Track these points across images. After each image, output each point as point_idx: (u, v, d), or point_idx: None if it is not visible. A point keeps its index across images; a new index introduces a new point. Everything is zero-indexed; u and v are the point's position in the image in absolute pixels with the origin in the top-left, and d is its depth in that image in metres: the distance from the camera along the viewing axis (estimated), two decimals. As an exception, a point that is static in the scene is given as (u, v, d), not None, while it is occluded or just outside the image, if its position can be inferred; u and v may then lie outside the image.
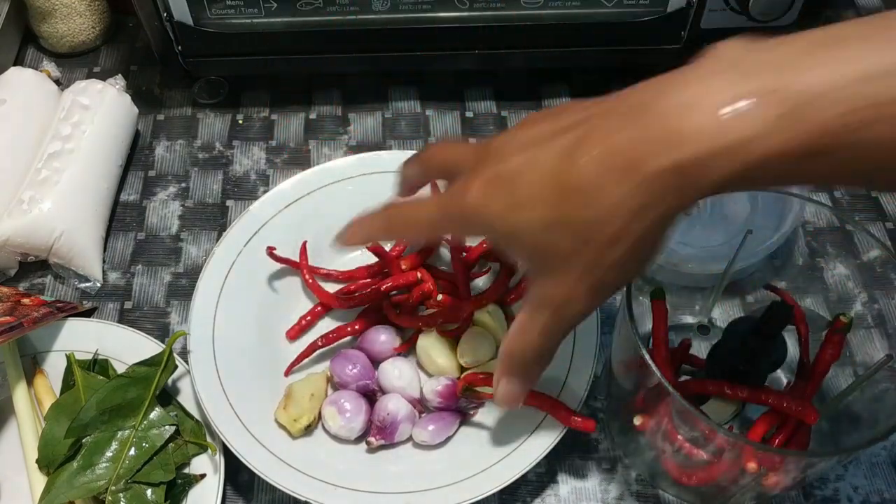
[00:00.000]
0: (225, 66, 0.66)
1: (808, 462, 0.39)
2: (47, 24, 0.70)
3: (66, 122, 0.60)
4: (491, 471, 0.46)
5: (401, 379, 0.50)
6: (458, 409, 0.49)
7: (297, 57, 0.65)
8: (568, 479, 0.50)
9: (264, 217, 0.56)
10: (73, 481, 0.46)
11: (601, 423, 0.52)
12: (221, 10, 0.61)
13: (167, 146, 0.67)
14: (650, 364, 0.38)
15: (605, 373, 0.51)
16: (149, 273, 0.60)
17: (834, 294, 0.48)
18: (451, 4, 0.61)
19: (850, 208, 0.63)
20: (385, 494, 0.46)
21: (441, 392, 0.49)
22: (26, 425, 0.49)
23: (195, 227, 0.62)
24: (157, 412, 0.48)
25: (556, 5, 0.61)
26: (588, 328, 0.51)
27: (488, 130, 0.68)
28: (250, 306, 0.54)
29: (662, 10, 0.61)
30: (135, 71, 0.72)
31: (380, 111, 0.70)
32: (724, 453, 0.41)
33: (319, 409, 0.49)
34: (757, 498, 0.45)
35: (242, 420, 0.48)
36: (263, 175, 0.65)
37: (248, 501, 0.50)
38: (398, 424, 0.48)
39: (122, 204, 0.64)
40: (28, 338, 0.53)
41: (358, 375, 0.50)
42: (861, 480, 0.50)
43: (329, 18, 0.62)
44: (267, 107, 0.70)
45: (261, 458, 0.46)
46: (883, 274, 0.44)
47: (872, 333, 0.46)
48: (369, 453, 0.49)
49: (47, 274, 0.60)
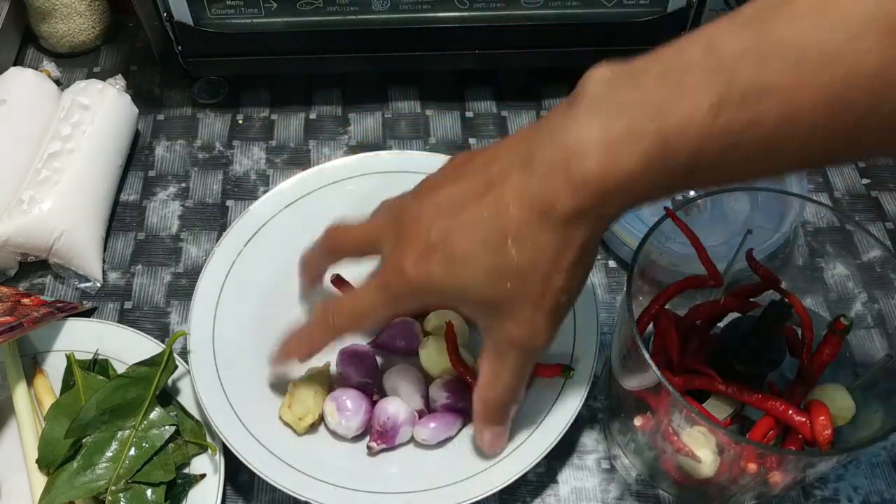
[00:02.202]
0: (225, 66, 0.66)
1: (807, 462, 0.39)
2: (47, 24, 0.70)
3: (66, 122, 0.60)
4: (491, 471, 0.46)
5: (407, 387, 0.50)
6: (460, 410, 0.49)
7: (297, 57, 0.65)
8: (568, 479, 0.50)
9: (264, 217, 0.56)
10: (73, 481, 0.46)
11: (601, 423, 0.52)
12: (221, 10, 0.61)
13: (167, 146, 0.67)
14: (650, 364, 0.38)
15: (605, 373, 0.51)
16: (149, 273, 0.60)
17: (834, 294, 0.48)
18: (451, 4, 0.61)
19: (850, 208, 0.63)
20: (385, 494, 0.46)
21: (447, 384, 0.49)
22: (26, 425, 0.49)
23: (195, 227, 0.62)
24: (157, 412, 0.48)
25: (556, 5, 0.61)
26: (588, 328, 0.51)
27: (488, 130, 0.68)
28: (250, 306, 0.54)
29: (662, 10, 0.61)
30: (135, 71, 0.72)
31: (380, 111, 0.70)
32: (724, 453, 0.41)
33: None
34: (757, 498, 0.45)
35: (242, 420, 0.48)
36: (263, 175, 0.65)
37: (248, 501, 0.50)
38: (398, 428, 0.48)
39: (122, 204, 0.64)
40: (28, 338, 0.53)
41: (362, 373, 0.50)
42: (861, 480, 0.50)
43: (329, 18, 0.62)
44: (267, 107, 0.70)
45: (261, 458, 0.46)
46: (883, 274, 0.44)
47: (872, 333, 0.46)
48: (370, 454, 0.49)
49: (47, 274, 0.60)
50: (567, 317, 0.51)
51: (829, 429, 0.41)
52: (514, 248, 0.35)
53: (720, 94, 0.29)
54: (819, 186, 0.65)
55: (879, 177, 0.65)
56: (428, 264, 0.37)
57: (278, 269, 0.55)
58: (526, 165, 0.35)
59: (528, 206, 0.34)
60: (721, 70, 0.30)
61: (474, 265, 0.36)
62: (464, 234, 0.36)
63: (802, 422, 0.42)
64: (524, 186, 0.35)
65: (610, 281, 0.59)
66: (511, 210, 0.35)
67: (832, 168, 0.63)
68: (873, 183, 0.65)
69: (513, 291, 0.36)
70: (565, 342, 0.51)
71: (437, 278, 0.37)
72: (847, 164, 0.63)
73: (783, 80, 0.29)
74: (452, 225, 0.36)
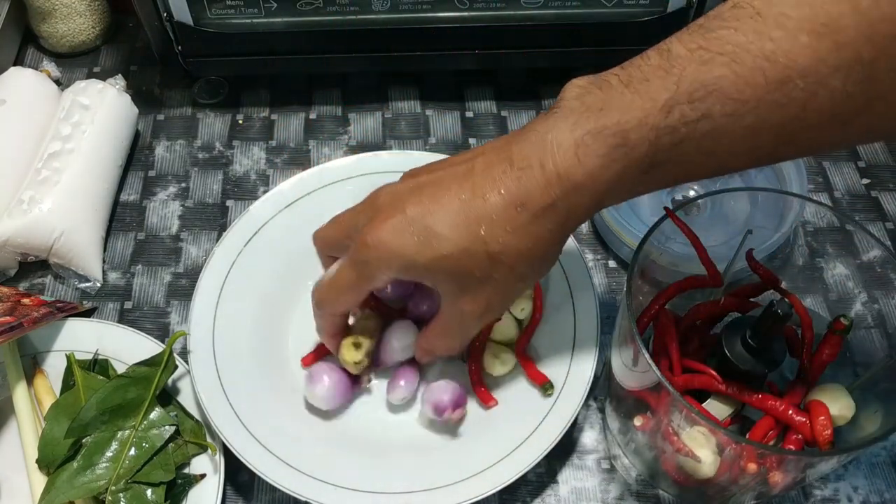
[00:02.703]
0: (225, 66, 0.66)
1: (807, 462, 0.39)
2: (47, 24, 0.70)
3: (66, 122, 0.60)
4: (491, 471, 0.46)
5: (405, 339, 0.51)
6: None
7: (297, 57, 0.65)
8: (568, 479, 0.50)
9: (264, 217, 0.56)
10: (73, 481, 0.46)
11: (601, 423, 0.52)
12: (221, 10, 0.61)
13: (167, 146, 0.67)
14: (650, 364, 0.38)
15: (605, 373, 0.51)
16: (149, 273, 0.60)
17: (834, 294, 0.48)
18: (451, 4, 0.61)
19: (850, 208, 0.63)
20: (385, 494, 0.46)
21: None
22: (26, 425, 0.49)
23: (195, 227, 0.62)
24: (157, 412, 0.48)
25: (556, 5, 0.61)
26: (588, 328, 0.51)
27: (488, 130, 0.68)
28: (250, 306, 0.54)
29: (662, 10, 0.61)
30: (135, 71, 0.72)
31: (380, 111, 0.70)
32: (724, 453, 0.41)
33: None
34: (757, 498, 0.45)
35: (242, 420, 0.48)
36: (263, 175, 0.65)
37: (248, 501, 0.50)
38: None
39: (122, 204, 0.64)
40: (28, 338, 0.53)
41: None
42: (861, 480, 0.50)
43: (329, 18, 0.62)
44: (267, 107, 0.70)
45: (261, 458, 0.46)
46: (883, 274, 0.44)
47: (872, 333, 0.46)
48: (370, 454, 0.49)
49: (47, 274, 0.60)
50: (567, 317, 0.52)
51: (829, 429, 0.41)
52: (486, 233, 0.38)
53: (671, 92, 0.33)
54: (819, 186, 0.65)
55: (879, 177, 0.65)
56: (402, 236, 0.39)
57: (278, 269, 0.55)
58: (506, 161, 0.38)
59: (504, 198, 0.37)
60: (672, 71, 0.33)
61: (446, 243, 0.38)
62: (441, 213, 0.38)
63: (802, 422, 0.42)
64: (502, 179, 0.37)
65: (610, 281, 0.59)
66: (488, 198, 0.37)
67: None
68: (873, 183, 0.65)
69: (478, 273, 0.39)
70: (566, 342, 0.51)
71: (411, 251, 0.39)
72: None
73: (725, 78, 0.32)
74: (430, 204, 0.39)
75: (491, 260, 0.38)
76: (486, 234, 0.38)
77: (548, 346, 0.52)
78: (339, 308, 0.46)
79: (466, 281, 0.40)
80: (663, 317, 0.47)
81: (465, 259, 0.38)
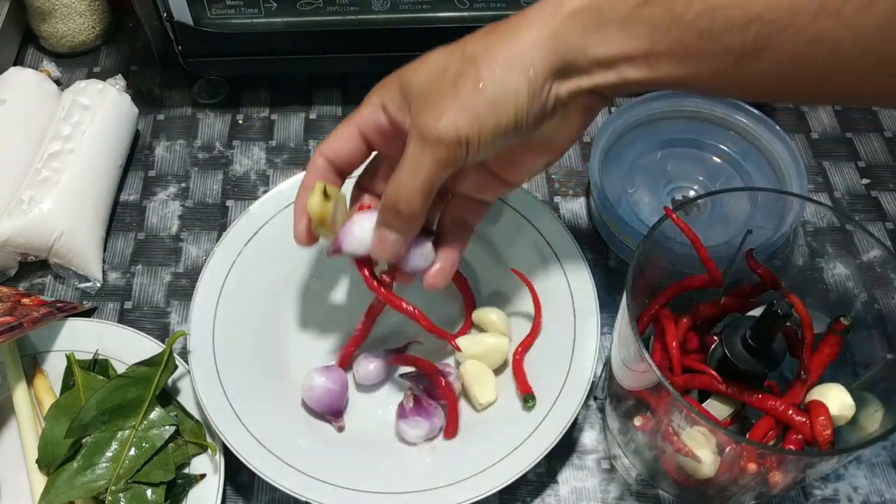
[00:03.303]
0: (225, 66, 0.66)
1: (807, 462, 0.39)
2: (47, 24, 0.70)
3: (66, 122, 0.60)
4: (491, 471, 0.46)
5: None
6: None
7: (297, 57, 0.65)
8: (568, 479, 0.50)
9: (264, 217, 0.56)
10: (73, 481, 0.46)
11: (601, 423, 0.52)
12: (221, 10, 0.61)
13: (167, 146, 0.67)
14: (650, 364, 0.38)
15: (605, 373, 0.51)
16: (149, 273, 0.60)
17: (834, 294, 0.48)
18: (451, 4, 0.61)
19: (850, 208, 0.63)
20: (385, 494, 0.46)
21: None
22: (26, 425, 0.49)
23: (195, 227, 0.62)
24: (157, 412, 0.48)
25: (556, 5, 0.61)
26: (588, 328, 0.51)
27: (488, 130, 0.68)
28: (250, 306, 0.54)
29: (662, 10, 0.60)
30: (135, 71, 0.72)
31: (380, 111, 0.70)
32: (724, 453, 0.41)
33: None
34: (757, 498, 0.45)
35: (242, 420, 0.48)
36: (263, 175, 0.65)
37: (248, 501, 0.50)
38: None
39: (122, 204, 0.64)
40: (28, 338, 0.53)
41: None
42: (861, 480, 0.50)
43: (329, 18, 0.62)
44: (267, 107, 0.70)
45: (261, 458, 0.46)
46: (883, 274, 0.44)
47: (872, 333, 0.46)
48: (370, 454, 0.49)
49: (47, 274, 0.60)
50: (567, 316, 0.52)
51: (829, 429, 0.41)
52: (487, 86, 0.40)
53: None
54: (819, 186, 0.65)
55: (879, 177, 0.65)
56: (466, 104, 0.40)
57: (278, 269, 0.55)
58: (500, 36, 0.42)
59: (513, 60, 0.40)
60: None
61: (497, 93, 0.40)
62: (472, 71, 0.41)
63: (802, 422, 0.42)
64: (512, 49, 0.40)
65: (610, 281, 0.59)
66: (496, 68, 0.40)
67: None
68: (873, 183, 0.65)
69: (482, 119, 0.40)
70: (566, 342, 0.51)
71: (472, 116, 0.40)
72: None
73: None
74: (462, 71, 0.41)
75: (491, 105, 0.39)
76: (487, 87, 0.39)
77: (548, 347, 0.52)
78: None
79: (433, 87, 0.42)
80: (663, 317, 0.47)
81: (443, 59, 0.42)
